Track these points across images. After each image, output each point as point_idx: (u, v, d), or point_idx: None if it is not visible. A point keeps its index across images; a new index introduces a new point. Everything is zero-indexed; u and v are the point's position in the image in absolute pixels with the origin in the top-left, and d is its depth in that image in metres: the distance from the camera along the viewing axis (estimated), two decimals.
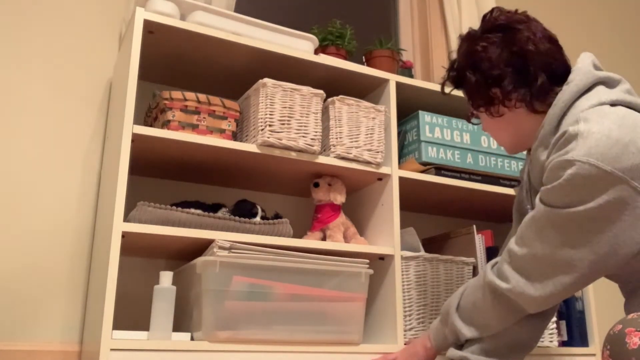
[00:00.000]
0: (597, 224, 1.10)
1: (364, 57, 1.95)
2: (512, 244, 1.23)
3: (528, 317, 1.27)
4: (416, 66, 2.39)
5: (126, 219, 1.38)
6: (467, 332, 1.29)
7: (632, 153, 1.07)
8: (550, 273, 1.15)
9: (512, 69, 1.22)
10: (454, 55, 1.35)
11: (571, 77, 1.21)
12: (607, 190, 1.07)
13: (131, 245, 1.46)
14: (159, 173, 1.69)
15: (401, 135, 1.82)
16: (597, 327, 1.86)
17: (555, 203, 1.13)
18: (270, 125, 1.51)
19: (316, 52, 1.74)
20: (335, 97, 1.63)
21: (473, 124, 1.47)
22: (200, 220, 1.42)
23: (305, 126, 1.56)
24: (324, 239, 1.63)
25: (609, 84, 1.22)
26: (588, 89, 1.20)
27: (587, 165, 1.07)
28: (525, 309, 1.22)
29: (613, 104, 1.16)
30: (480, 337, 1.29)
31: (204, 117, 1.50)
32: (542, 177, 1.20)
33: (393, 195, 1.65)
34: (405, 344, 1.54)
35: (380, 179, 1.71)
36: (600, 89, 1.20)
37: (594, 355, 1.82)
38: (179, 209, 1.41)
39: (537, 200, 1.18)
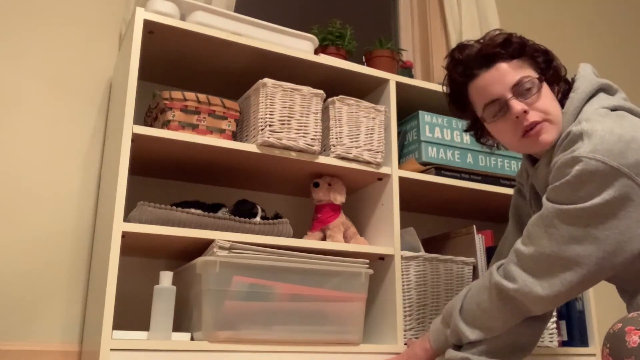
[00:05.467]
0: (603, 220, 1.11)
1: (364, 57, 1.95)
2: (518, 244, 1.23)
3: (528, 319, 1.27)
4: (416, 66, 2.39)
5: (126, 219, 1.38)
6: (471, 334, 1.28)
7: (634, 150, 1.10)
8: (557, 271, 1.16)
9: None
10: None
11: (577, 84, 1.26)
12: (613, 185, 1.09)
13: (131, 245, 1.46)
14: (159, 173, 1.69)
15: (401, 135, 1.82)
16: (597, 327, 1.85)
17: (562, 200, 1.14)
18: (270, 125, 1.51)
19: (316, 52, 1.74)
20: (335, 97, 1.63)
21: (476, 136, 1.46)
22: (200, 220, 1.42)
23: (305, 126, 1.56)
24: (324, 239, 1.63)
25: (609, 91, 1.26)
26: (592, 96, 1.24)
27: (593, 161, 1.09)
28: (530, 310, 1.22)
29: (614, 109, 1.20)
30: (483, 339, 1.28)
31: (204, 117, 1.50)
32: (546, 183, 1.22)
33: (393, 195, 1.65)
34: (405, 344, 1.54)
35: (380, 179, 1.71)
36: (602, 95, 1.24)
37: (594, 355, 1.82)
38: (179, 209, 1.41)
39: (543, 199, 1.19)
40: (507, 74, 1.23)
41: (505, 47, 1.25)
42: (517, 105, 1.21)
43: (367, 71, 1.73)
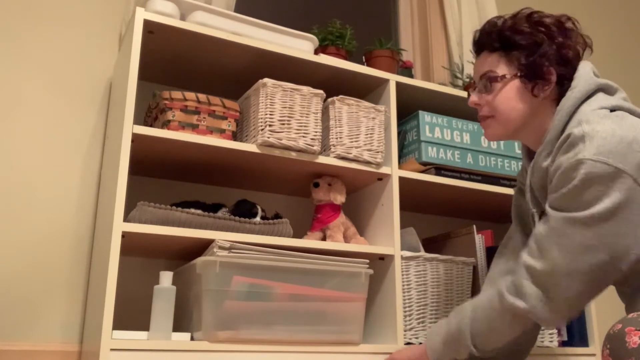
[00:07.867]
0: (611, 224, 1.09)
1: (364, 57, 1.95)
2: (527, 259, 1.19)
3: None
4: (416, 66, 2.39)
5: (126, 219, 1.38)
6: (485, 356, 1.28)
7: (636, 151, 1.09)
8: (570, 283, 1.13)
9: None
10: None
11: (574, 83, 1.25)
12: (618, 187, 1.08)
13: (131, 245, 1.46)
14: (159, 173, 1.69)
15: (401, 135, 1.82)
16: (597, 327, 1.85)
17: (570, 207, 1.13)
18: (270, 125, 1.51)
19: (316, 52, 1.74)
20: (335, 97, 1.63)
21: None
22: (200, 220, 1.42)
23: (305, 126, 1.56)
24: (324, 239, 1.63)
25: (609, 91, 1.25)
26: (589, 96, 1.23)
27: (598, 163, 1.08)
28: (543, 324, 1.21)
29: (613, 109, 1.19)
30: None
31: (204, 117, 1.50)
32: (543, 181, 1.22)
33: (393, 195, 1.65)
34: (405, 344, 1.54)
35: (380, 179, 1.71)
36: (601, 95, 1.23)
37: (594, 355, 1.82)
38: (179, 209, 1.41)
39: (548, 208, 1.17)
40: (483, 65, 1.32)
41: (491, 38, 1.30)
42: (472, 97, 1.33)
43: (367, 71, 1.73)
